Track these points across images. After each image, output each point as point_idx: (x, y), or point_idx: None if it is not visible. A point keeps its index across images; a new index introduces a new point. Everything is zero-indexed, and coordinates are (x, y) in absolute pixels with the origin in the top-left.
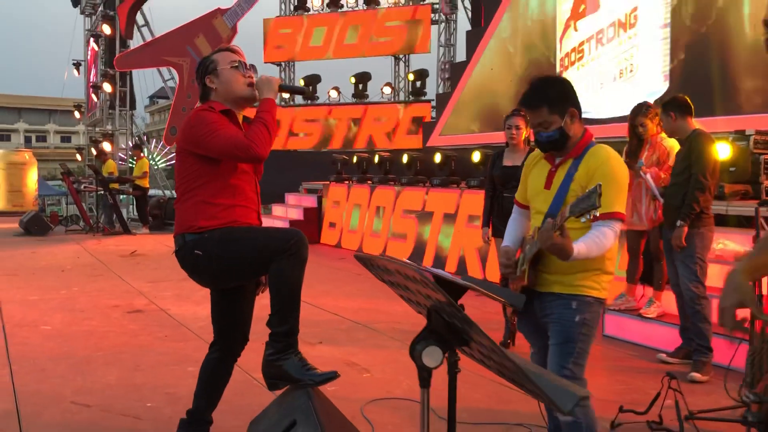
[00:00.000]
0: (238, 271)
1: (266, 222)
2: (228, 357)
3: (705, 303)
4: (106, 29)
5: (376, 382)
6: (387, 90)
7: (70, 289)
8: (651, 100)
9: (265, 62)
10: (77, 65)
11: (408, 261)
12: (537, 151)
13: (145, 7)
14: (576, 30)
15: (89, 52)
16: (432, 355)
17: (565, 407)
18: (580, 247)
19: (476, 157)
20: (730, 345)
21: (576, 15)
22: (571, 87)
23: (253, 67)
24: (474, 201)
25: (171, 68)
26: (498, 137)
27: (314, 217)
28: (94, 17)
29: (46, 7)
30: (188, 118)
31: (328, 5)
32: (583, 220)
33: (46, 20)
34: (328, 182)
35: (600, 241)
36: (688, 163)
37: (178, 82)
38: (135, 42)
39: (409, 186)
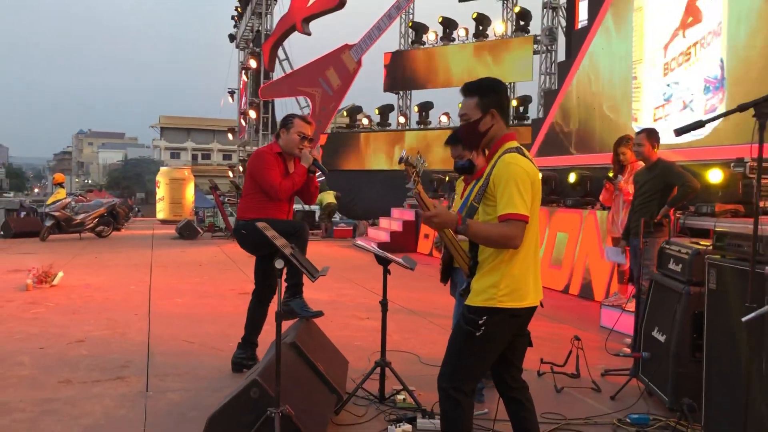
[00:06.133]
0: (266, 244)
1: (372, 233)
2: (263, 301)
3: None
4: (253, 63)
5: (392, 342)
6: None
7: (202, 278)
8: None
9: (385, 91)
10: (231, 93)
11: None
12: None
13: (285, 42)
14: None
15: (241, 83)
16: (278, 263)
17: (312, 277)
18: None
19: (572, 178)
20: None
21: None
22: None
23: (312, 140)
24: (564, 218)
25: (306, 97)
26: (587, 159)
27: (412, 229)
28: (247, 50)
29: (209, 39)
30: (255, 153)
31: (441, 39)
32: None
33: (209, 50)
34: None
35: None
36: (664, 183)
37: (311, 110)
38: (276, 74)
39: None
